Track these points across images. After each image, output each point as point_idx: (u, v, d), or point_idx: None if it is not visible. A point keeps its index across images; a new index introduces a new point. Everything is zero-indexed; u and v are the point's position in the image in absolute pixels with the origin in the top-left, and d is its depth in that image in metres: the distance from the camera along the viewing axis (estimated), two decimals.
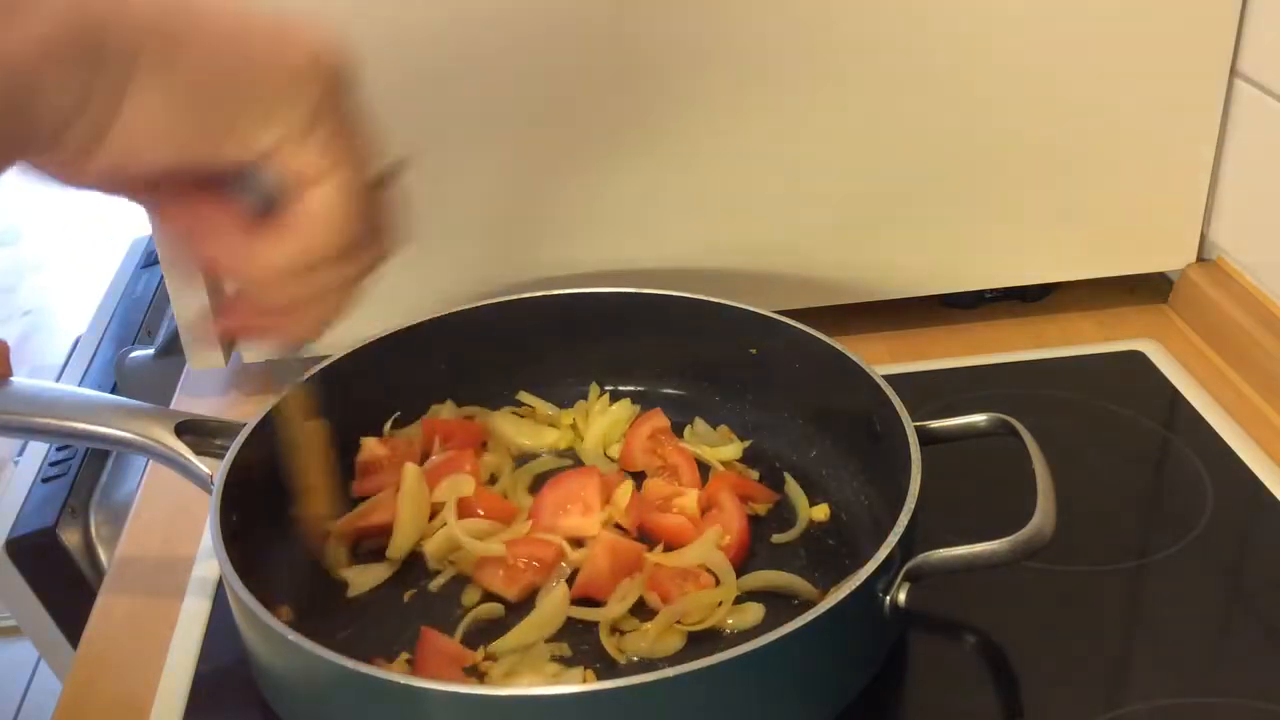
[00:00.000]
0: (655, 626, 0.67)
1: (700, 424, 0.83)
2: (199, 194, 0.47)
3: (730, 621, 0.69)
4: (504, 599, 0.71)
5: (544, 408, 0.85)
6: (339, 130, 0.45)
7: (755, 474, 0.80)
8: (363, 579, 0.73)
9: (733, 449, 0.81)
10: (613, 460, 0.82)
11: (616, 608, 0.68)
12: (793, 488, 0.78)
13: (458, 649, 0.67)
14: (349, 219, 0.46)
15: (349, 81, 0.46)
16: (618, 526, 0.75)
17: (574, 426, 0.84)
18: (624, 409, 0.84)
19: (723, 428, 0.83)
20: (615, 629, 0.68)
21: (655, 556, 0.71)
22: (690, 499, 0.75)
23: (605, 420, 0.83)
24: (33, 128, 0.40)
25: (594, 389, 0.85)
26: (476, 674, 0.66)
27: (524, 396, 0.85)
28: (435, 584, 0.73)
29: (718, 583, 0.70)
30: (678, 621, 0.68)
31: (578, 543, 0.73)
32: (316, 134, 0.44)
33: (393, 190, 0.51)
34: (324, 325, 0.52)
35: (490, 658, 0.67)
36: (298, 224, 0.46)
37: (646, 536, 0.74)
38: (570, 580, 0.71)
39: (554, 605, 0.69)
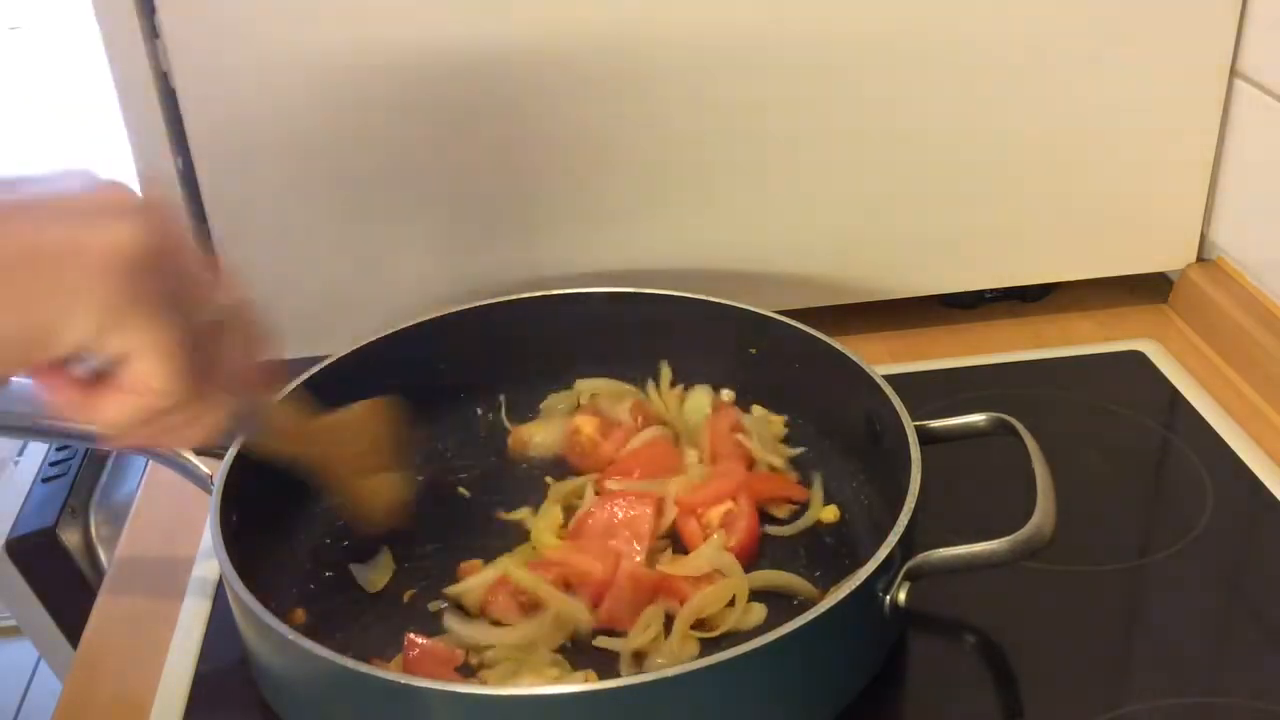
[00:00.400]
0: (675, 635, 0.66)
1: (758, 410, 0.82)
2: (53, 378, 0.50)
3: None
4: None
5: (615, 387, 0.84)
6: (154, 302, 0.47)
7: (795, 474, 0.79)
8: (373, 577, 0.73)
9: (780, 456, 0.79)
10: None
11: (640, 638, 0.67)
12: (816, 489, 0.77)
13: (444, 650, 0.67)
14: (171, 380, 0.48)
15: (164, 245, 0.47)
16: None
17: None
18: (705, 395, 0.83)
19: (775, 419, 0.82)
20: (637, 654, 0.67)
21: (665, 566, 0.71)
22: (717, 514, 0.74)
23: (690, 408, 0.82)
24: None
25: (665, 372, 0.85)
26: (473, 674, 0.66)
27: (583, 384, 0.85)
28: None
29: None
30: (693, 626, 0.67)
31: None
32: (125, 319, 0.46)
33: (240, 325, 0.53)
34: (220, 428, 0.53)
35: (484, 664, 0.67)
36: (126, 389, 0.48)
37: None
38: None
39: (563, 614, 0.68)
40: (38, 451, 1.19)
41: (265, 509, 0.71)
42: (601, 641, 0.67)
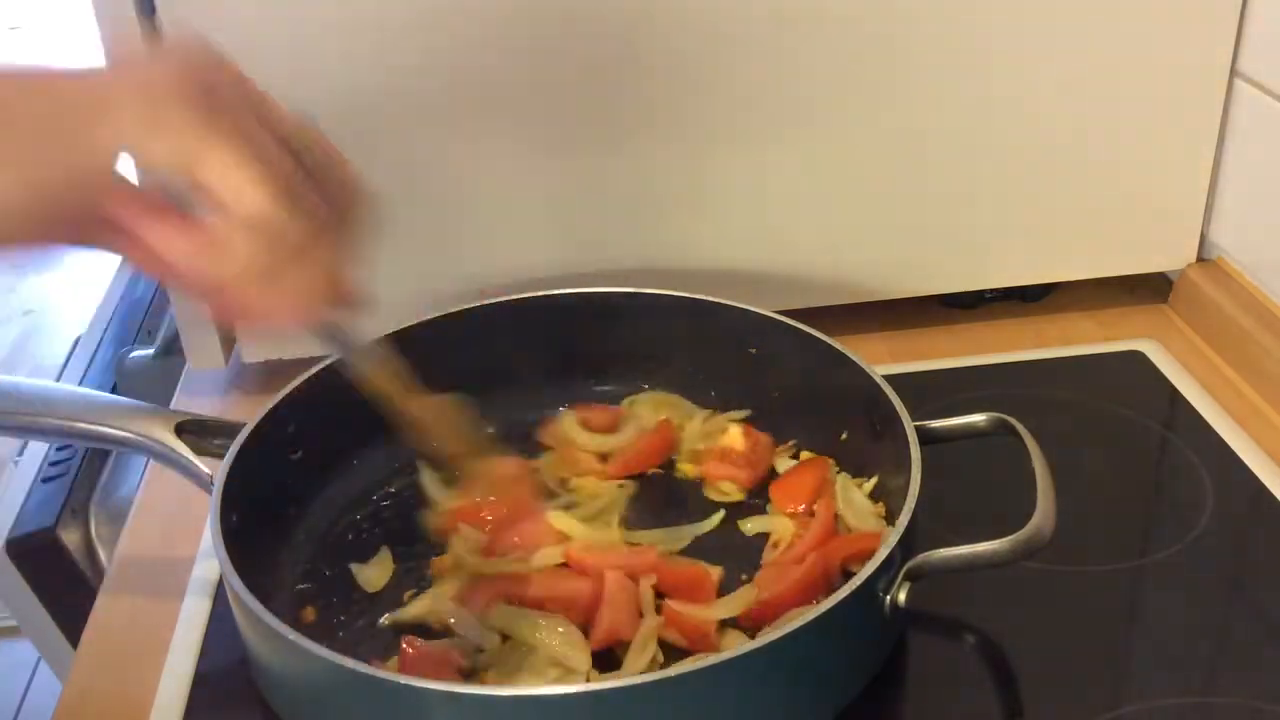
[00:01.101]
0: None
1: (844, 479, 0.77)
2: (148, 219, 0.47)
3: None
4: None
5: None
6: (207, 109, 0.44)
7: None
8: (373, 576, 0.73)
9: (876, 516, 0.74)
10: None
11: (639, 661, 0.65)
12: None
13: (441, 651, 0.66)
14: (260, 187, 0.45)
15: (203, 66, 0.45)
16: None
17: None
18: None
19: (865, 485, 0.76)
20: None
21: (677, 606, 0.67)
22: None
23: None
24: None
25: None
26: (473, 674, 0.66)
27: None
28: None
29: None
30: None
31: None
32: (169, 122, 0.43)
33: (327, 159, 0.51)
34: (319, 304, 0.51)
35: (484, 665, 0.66)
36: (226, 233, 0.45)
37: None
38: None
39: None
40: (38, 451, 1.19)
41: (265, 509, 0.71)
42: (604, 678, 0.65)
